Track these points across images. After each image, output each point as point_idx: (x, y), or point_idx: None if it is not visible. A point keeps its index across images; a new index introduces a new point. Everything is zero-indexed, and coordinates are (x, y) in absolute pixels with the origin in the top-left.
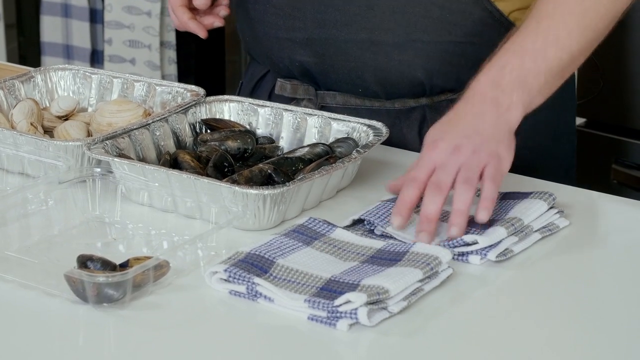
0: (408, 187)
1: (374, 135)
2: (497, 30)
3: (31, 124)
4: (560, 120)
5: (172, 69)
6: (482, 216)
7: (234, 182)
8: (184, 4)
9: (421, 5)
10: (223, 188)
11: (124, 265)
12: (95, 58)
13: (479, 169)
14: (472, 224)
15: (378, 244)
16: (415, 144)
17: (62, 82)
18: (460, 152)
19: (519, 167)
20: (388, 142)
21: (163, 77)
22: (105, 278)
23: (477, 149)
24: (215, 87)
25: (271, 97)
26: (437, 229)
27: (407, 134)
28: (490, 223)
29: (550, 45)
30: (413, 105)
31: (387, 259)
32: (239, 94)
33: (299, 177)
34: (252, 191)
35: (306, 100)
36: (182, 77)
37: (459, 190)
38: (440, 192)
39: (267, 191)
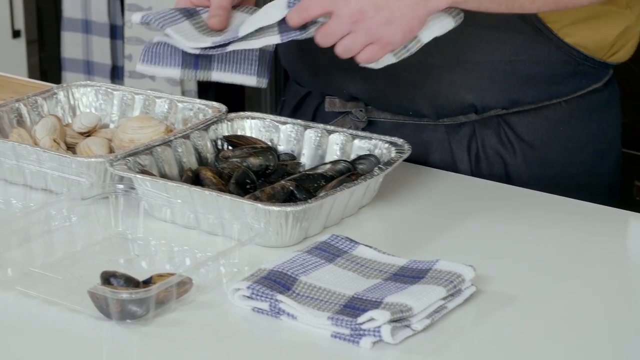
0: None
1: (396, 152)
2: (546, 46)
3: (54, 140)
4: (603, 137)
5: (192, 84)
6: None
7: (256, 198)
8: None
9: (471, 25)
10: (245, 205)
11: (147, 282)
12: (116, 74)
13: (361, 46)
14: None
15: (401, 261)
16: (463, 161)
17: (84, 99)
18: (359, 21)
19: (561, 184)
20: (435, 160)
21: (183, 93)
22: (128, 294)
23: (374, 27)
24: (234, 103)
25: (316, 113)
26: None
27: (455, 150)
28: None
29: None
30: (463, 120)
31: (410, 276)
32: (281, 112)
33: (321, 194)
34: (275, 208)
35: (357, 110)
36: (202, 93)
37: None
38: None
39: (289, 208)
